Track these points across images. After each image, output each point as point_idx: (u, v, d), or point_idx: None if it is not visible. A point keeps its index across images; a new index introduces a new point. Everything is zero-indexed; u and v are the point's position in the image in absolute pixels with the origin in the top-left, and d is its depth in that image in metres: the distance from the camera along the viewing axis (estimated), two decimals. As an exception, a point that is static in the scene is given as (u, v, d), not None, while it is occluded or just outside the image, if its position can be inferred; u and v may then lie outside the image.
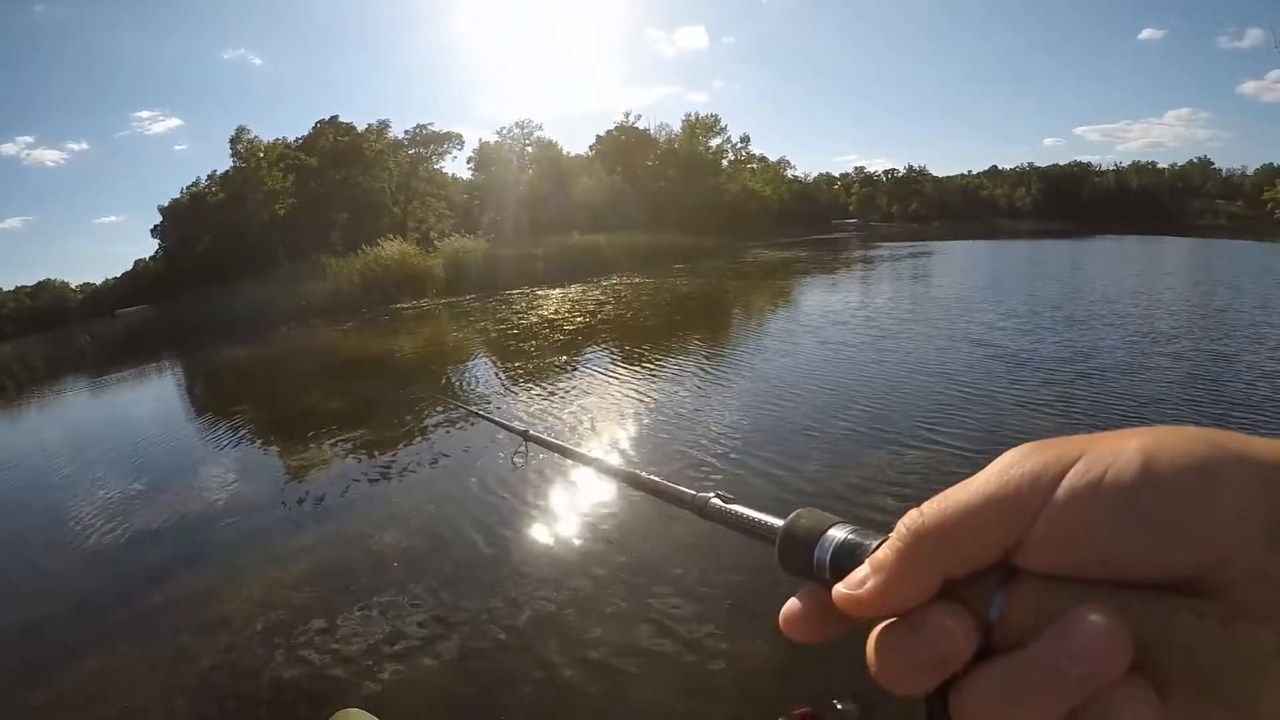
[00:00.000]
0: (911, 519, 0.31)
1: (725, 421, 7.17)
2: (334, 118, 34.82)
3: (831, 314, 14.28)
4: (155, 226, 35.41)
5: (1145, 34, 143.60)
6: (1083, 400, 7.13)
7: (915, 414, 6.86)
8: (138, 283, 36.34)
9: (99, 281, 41.19)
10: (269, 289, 27.05)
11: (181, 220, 33.94)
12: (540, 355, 12.14)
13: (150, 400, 14.30)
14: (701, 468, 5.92)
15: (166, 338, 22.28)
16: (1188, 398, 7.26)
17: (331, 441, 7.97)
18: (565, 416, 8.00)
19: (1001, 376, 8.18)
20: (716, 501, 0.46)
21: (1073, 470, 0.28)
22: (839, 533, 0.34)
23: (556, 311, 18.22)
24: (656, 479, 0.56)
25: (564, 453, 0.81)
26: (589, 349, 12.35)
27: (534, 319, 17.14)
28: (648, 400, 8.40)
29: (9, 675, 4.01)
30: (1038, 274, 22.57)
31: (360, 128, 35.76)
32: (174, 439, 9.60)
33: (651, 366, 10.20)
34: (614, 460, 0.56)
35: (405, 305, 24.25)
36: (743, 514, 0.42)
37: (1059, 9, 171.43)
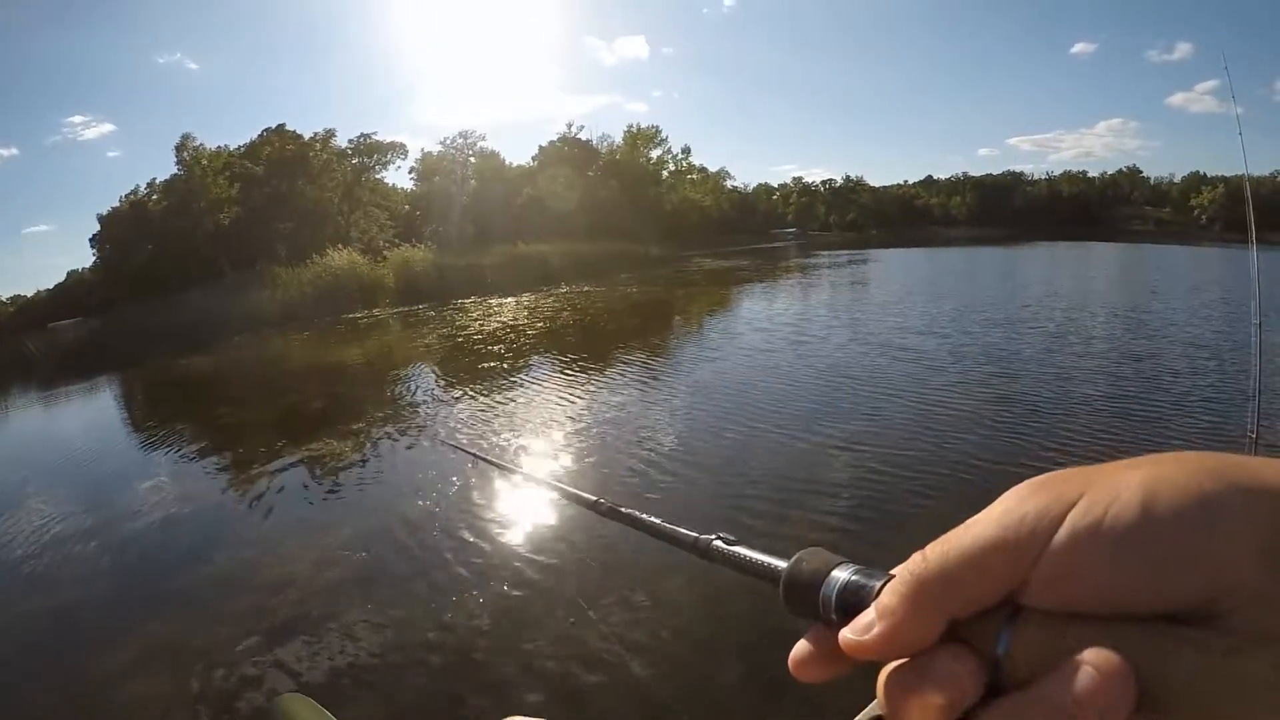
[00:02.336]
0: (915, 564, 0.31)
1: (699, 422, 8.15)
2: (280, 126, 34.82)
3: (775, 320, 15.56)
4: (94, 236, 34.69)
5: (1078, 48, 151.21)
6: (1015, 402, 7.86)
7: (856, 415, 7.75)
8: (72, 294, 35.42)
9: (30, 294, 39.91)
10: (216, 299, 26.94)
11: (121, 229, 33.26)
12: (513, 358, 13.01)
13: (134, 410, 14.54)
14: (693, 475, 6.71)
15: (117, 349, 22.05)
16: (1105, 394, 8.08)
17: (319, 449, 8.64)
18: (549, 418, 8.82)
19: (939, 381, 9.03)
20: (719, 544, 0.45)
21: (1074, 510, 0.28)
22: (843, 573, 0.34)
23: (515, 319, 19.03)
24: (657, 521, 0.55)
25: (566, 495, 0.81)
26: (559, 353, 13.23)
27: (495, 325, 17.93)
28: (620, 398, 9.35)
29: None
30: (972, 280, 24.32)
31: (303, 136, 35.81)
32: (164, 446, 10.03)
33: (620, 367, 11.21)
34: (617, 501, 0.64)
35: (359, 315, 24.61)
36: (745, 556, 0.42)
37: (993, 23, 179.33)
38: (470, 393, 10.44)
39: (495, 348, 14.36)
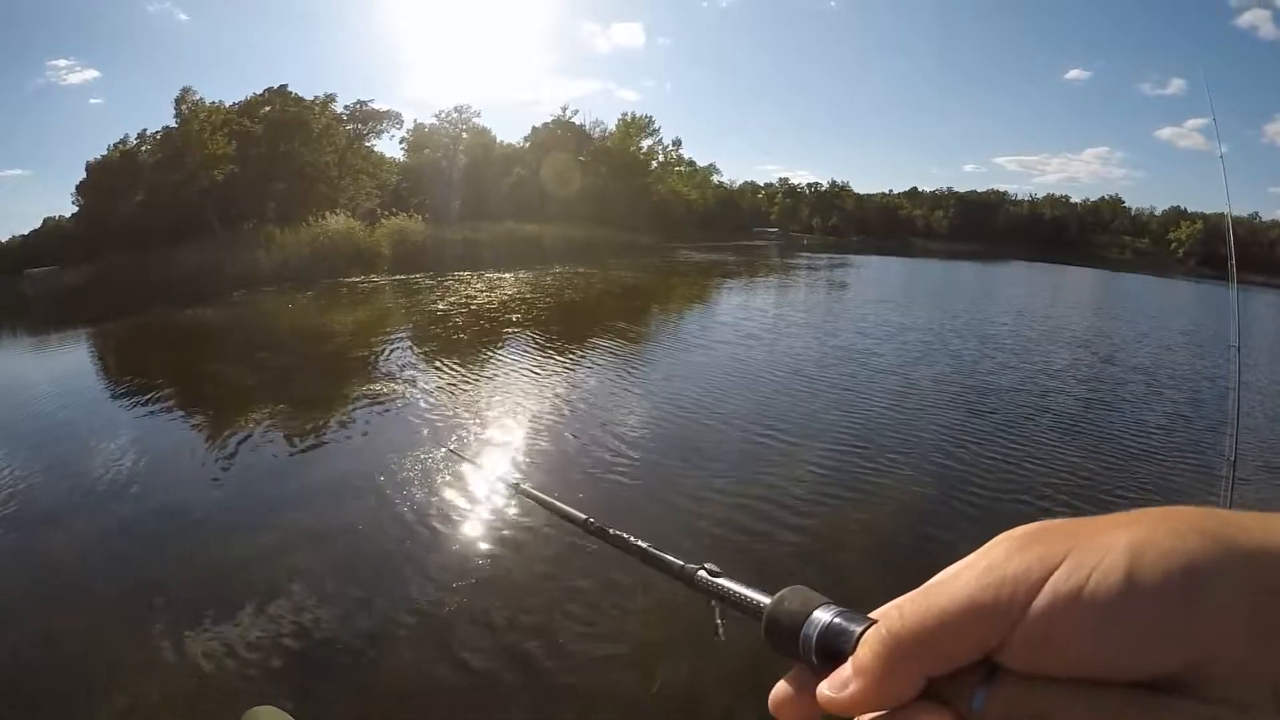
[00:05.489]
0: (892, 621, 0.31)
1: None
2: (283, 87, 34.50)
3: (759, 312, 16.46)
4: (80, 183, 33.96)
5: (1072, 74, 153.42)
6: (982, 418, 8.25)
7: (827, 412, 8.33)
8: (49, 241, 34.62)
9: (5, 239, 38.82)
10: (210, 255, 26.74)
11: (110, 178, 32.62)
12: (532, 326, 13.47)
13: (165, 355, 14.56)
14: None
15: (117, 299, 21.75)
16: (1085, 415, 8.49)
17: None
18: (581, 369, 9.49)
19: (919, 389, 9.51)
20: (704, 574, 0.45)
21: (1056, 575, 0.27)
22: (824, 615, 0.34)
23: (520, 293, 19.45)
24: (644, 545, 0.55)
25: (554, 510, 0.77)
26: (579, 322, 13.75)
27: (504, 298, 18.31)
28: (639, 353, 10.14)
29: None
30: (956, 294, 25.28)
31: (305, 99, 35.46)
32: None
33: (632, 333, 11.97)
34: (605, 521, 0.63)
35: (358, 280, 24.74)
36: (729, 589, 0.42)
37: (990, 43, 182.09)
38: (493, 362, 10.90)
39: (513, 316, 14.78)
